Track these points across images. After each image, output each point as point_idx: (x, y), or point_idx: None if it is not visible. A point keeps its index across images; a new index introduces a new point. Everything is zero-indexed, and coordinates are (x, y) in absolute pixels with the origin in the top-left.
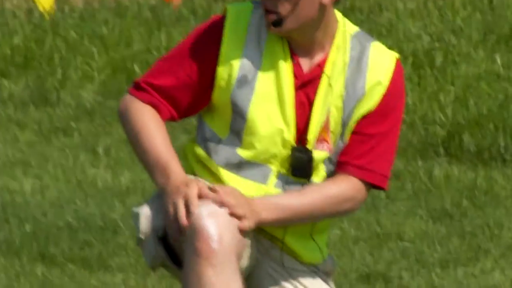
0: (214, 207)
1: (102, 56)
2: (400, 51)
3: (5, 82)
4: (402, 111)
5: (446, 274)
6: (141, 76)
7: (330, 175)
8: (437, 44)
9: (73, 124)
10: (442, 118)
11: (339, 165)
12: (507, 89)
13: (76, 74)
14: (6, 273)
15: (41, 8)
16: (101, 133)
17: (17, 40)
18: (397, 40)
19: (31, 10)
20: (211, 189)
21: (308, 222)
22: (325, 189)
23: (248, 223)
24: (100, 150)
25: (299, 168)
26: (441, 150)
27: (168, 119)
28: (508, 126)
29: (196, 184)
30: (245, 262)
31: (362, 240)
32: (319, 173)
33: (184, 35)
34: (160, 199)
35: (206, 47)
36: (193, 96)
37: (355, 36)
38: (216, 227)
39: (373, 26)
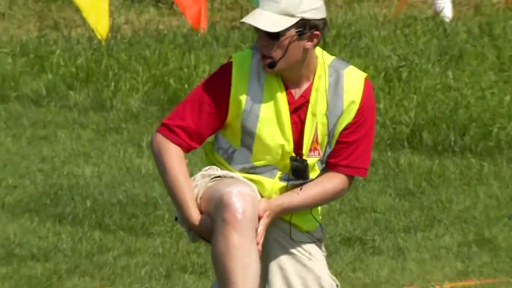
0: (242, 187)
1: (145, 72)
2: (374, 68)
3: (71, 93)
4: (373, 119)
5: (408, 237)
6: (169, 117)
7: (322, 170)
8: (403, 63)
9: (123, 124)
10: (407, 119)
11: (330, 166)
12: (457, 97)
13: (125, 87)
14: (72, 238)
15: (99, 36)
16: (144, 131)
17: (80, 61)
18: (373, 60)
19: (91, 38)
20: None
21: (311, 208)
22: (322, 186)
23: (266, 220)
24: (144, 144)
25: (298, 172)
26: (406, 144)
27: (190, 151)
28: (457, 126)
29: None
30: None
31: (344, 212)
32: (315, 171)
33: (206, 58)
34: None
35: (220, 89)
36: (212, 128)
37: (331, 65)
38: (242, 203)
39: (355, 49)
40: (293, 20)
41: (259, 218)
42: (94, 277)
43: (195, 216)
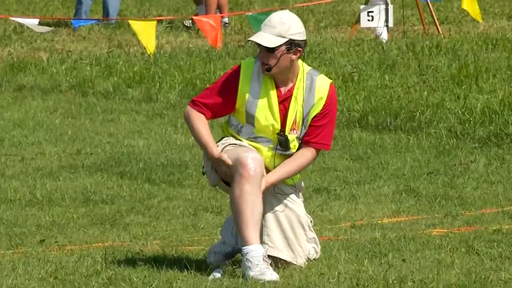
0: (255, 153)
1: (180, 76)
2: (335, 73)
3: (130, 90)
4: (335, 111)
5: (359, 188)
6: (197, 96)
7: (299, 145)
8: (355, 70)
9: (164, 112)
10: (357, 108)
11: (305, 142)
12: (391, 93)
13: (166, 86)
14: (130, 188)
15: (148, 51)
16: (179, 116)
17: (136, 68)
18: (334, 67)
19: (143, 53)
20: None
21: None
22: (299, 161)
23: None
24: (179, 125)
25: (281, 144)
26: (357, 124)
27: (209, 119)
28: (392, 112)
29: (223, 160)
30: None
31: (315, 171)
32: (294, 145)
33: (221, 67)
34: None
35: (231, 84)
36: (224, 108)
37: (308, 73)
38: (254, 164)
39: (322, 60)
40: (284, 40)
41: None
42: (144, 215)
43: (216, 152)
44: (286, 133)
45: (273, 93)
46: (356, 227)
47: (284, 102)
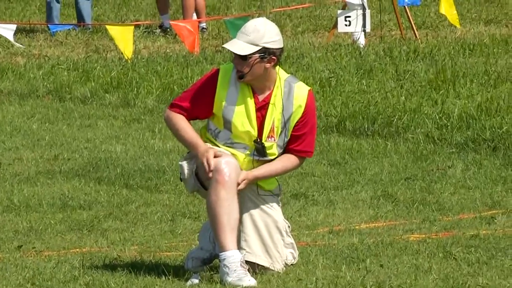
0: (229, 158)
1: (157, 81)
2: (313, 78)
3: (107, 95)
4: (315, 118)
5: (337, 193)
6: (175, 98)
7: (281, 153)
8: (332, 75)
9: (142, 117)
10: (335, 113)
11: (287, 150)
12: (368, 98)
13: (144, 91)
14: (107, 194)
15: (125, 56)
16: (157, 121)
17: (113, 73)
18: (312, 73)
19: (121, 58)
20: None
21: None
22: (283, 162)
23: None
24: (156, 130)
25: (258, 151)
26: (334, 129)
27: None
28: (369, 117)
29: (213, 151)
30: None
31: (293, 176)
32: (272, 152)
33: (199, 72)
34: (192, 157)
35: (209, 88)
36: (201, 112)
37: (286, 80)
38: (228, 169)
39: (300, 65)
40: (257, 48)
41: (238, 184)
42: (122, 220)
43: (203, 146)
44: (263, 141)
45: (250, 100)
46: (334, 233)
47: (261, 109)
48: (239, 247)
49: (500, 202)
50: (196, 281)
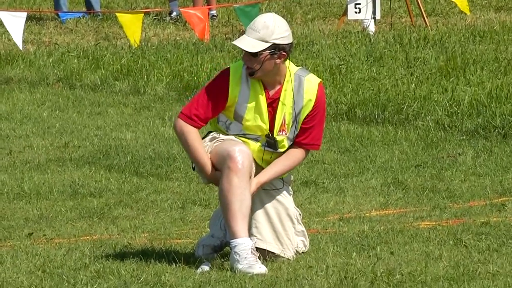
0: (242, 146)
1: (167, 69)
2: (323, 65)
3: (117, 83)
4: (324, 111)
5: (347, 181)
6: (187, 107)
7: (290, 146)
8: (342, 62)
9: (152, 104)
10: (345, 100)
11: (296, 143)
12: (379, 85)
13: (154, 78)
14: (117, 181)
15: (135, 44)
16: (167, 109)
17: (123, 61)
18: (322, 60)
19: (130, 46)
20: None
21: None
22: (291, 159)
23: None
24: (166, 118)
25: (270, 145)
26: (345, 117)
27: (200, 128)
28: (379, 105)
29: None
30: (252, 174)
31: (303, 164)
32: (283, 145)
33: (208, 59)
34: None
35: (221, 88)
36: (215, 112)
37: (296, 73)
38: (242, 157)
39: (309, 53)
40: (267, 45)
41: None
42: (132, 208)
43: (212, 171)
44: (275, 135)
45: (262, 96)
46: (344, 220)
47: (272, 104)
48: (250, 234)
49: (511, 189)
50: (206, 268)
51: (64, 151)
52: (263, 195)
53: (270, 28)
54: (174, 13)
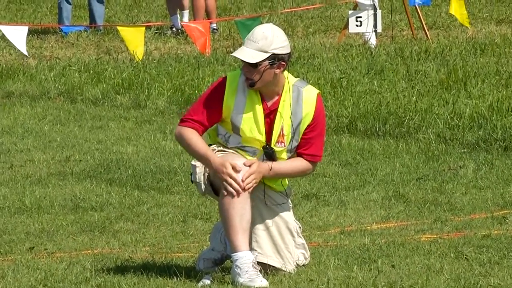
0: (242, 160)
1: (169, 82)
2: (324, 78)
3: (118, 96)
4: (324, 122)
5: (348, 194)
6: (186, 115)
7: (289, 157)
8: (343, 75)
9: (153, 118)
10: (346, 113)
11: (298, 154)
12: (380, 98)
13: (155, 92)
14: (119, 195)
15: (136, 58)
16: (168, 123)
17: (124, 75)
18: (323, 73)
19: (132, 59)
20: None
21: (288, 177)
22: (300, 162)
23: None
24: (168, 131)
25: (268, 156)
26: (346, 130)
27: (201, 134)
28: (380, 118)
29: (230, 165)
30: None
31: (304, 177)
32: (282, 158)
33: (210, 72)
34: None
35: (217, 96)
36: (212, 120)
37: (294, 85)
38: (242, 172)
39: (311, 66)
40: (266, 55)
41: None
42: (134, 222)
43: (217, 159)
44: (272, 146)
45: (259, 107)
46: (345, 233)
47: (270, 115)
48: (251, 248)
49: None
50: (207, 282)
51: (65, 165)
52: (262, 208)
53: (269, 39)
54: (176, 26)
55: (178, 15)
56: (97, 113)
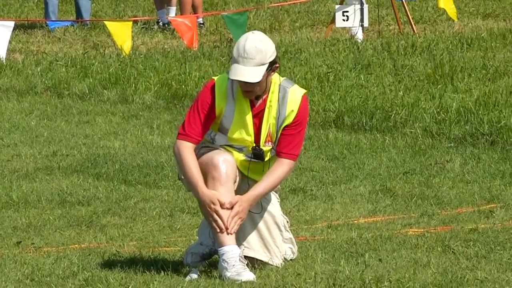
0: (226, 155)
1: (155, 77)
2: (311, 73)
3: (105, 91)
4: (305, 123)
5: (335, 188)
6: (182, 127)
7: (273, 154)
8: (330, 70)
9: (140, 113)
10: (333, 108)
11: (277, 153)
12: (367, 93)
13: (142, 87)
14: (106, 189)
15: (123, 53)
16: (155, 117)
17: (111, 69)
18: (310, 68)
19: (119, 54)
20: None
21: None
22: (278, 173)
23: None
24: (154, 126)
25: (257, 156)
26: (333, 125)
27: (198, 143)
28: (367, 112)
29: (218, 201)
30: (235, 184)
31: (292, 172)
32: (268, 155)
33: (197, 67)
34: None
35: (208, 102)
36: (208, 125)
37: (281, 85)
38: (225, 166)
39: (298, 61)
40: (266, 66)
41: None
42: (121, 216)
43: (206, 193)
44: (261, 146)
45: (247, 109)
46: (333, 227)
47: (258, 115)
48: (238, 243)
49: (499, 196)
50: (195, 276)
51: (52, 159)
52: (251, 209)
53: (263, 51)
54: (161, 22)
55: (165, 10)
56: (84, 108)
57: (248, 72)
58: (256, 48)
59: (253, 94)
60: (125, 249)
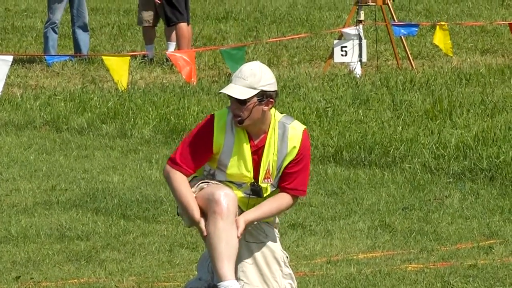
0: (227, 190)
1: (154, 112)
2: (309, 108)
3: (104, 126)
4: (309, 157)
5: (334, 223)
6: (174, 154)
7: (274, 191)
8: (329, 105)
9: (139, 147)
10: (332, 143)
11: (281, 189)
12: (365, 128)
13: (141, 121)
14: (105, 224)
15: (121, 88)
16: (154, 152)
17: (110, 104)
18: (308, 102)
19: (117, 89)
20: None
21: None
22: (279, 201)
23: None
24: (153, 161)
25: (254, 192)
26: (332, 160)
27: (189, 175)
28: (366, 147)
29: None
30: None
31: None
32: (267, 192)
33: (195, 102)
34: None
35: (206, 137)
36: (202, 160)
37: (280, 121)
38: (226, 200)
39: (296, 95)
40: (255, 92)
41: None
42: (120, 251)
43: (197, 215)
44: (260, 183)
45: (246, 145)
46: (332, 263)
47: (257, 152)
48: (237, 278)
49: (498, 232)
50: None
51: (51, 194)
52: (249, 238)
53: (257, 76)
54: (149, 56)
55: (153, 45)
56: (83, 142)
57: (235, 89)
58: (251, 71)
59: (240, 118)
60: (124, 284)
